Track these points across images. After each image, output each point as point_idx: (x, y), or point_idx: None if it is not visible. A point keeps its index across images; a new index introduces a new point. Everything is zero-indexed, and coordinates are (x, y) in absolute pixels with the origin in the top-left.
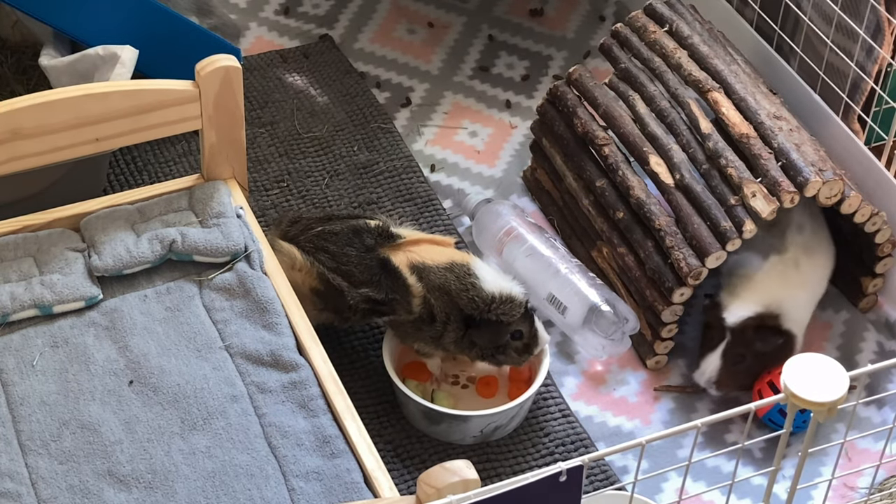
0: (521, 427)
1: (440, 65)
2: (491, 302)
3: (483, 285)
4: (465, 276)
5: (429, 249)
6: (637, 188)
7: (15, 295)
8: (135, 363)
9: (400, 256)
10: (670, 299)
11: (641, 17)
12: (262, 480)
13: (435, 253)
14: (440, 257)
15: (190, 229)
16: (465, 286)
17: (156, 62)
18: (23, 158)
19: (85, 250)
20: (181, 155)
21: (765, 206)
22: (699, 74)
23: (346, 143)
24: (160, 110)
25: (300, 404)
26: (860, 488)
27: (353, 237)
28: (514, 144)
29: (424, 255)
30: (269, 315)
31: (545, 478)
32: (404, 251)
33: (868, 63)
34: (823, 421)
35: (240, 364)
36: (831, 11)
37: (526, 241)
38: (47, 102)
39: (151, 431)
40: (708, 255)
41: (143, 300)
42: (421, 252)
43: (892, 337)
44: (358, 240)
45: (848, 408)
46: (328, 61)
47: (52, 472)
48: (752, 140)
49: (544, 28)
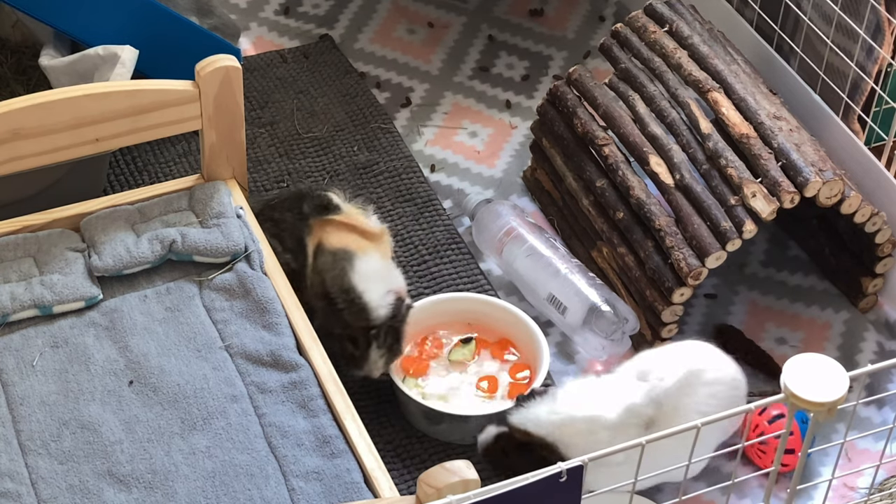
0: None
1: (440, 65)
2: (343, 291)
3: (352, 275)
4: (342, 260)
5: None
6: (637, 188)
7: (15, 295)
8: (135, 363)
9: (318, 232)
10: (670, 299)
11: (641, 17)
12: (262, 480)
13: (347, 237)
14: (343, 241)
15: (190, 229)
16: (335, 269)
17: (156, 62)
18: (23, 158)
19: (85, 250)
20: (181, 155)
21: (765, 207)
22: (699, 74)
23: (346, 143)
24: (160, 110)
25: (300, 404)
26: (860, 488)
27: (294, 203)
28: (514, 144)
29: (333, 237)
30: (269, 315)
31: (545, 478)
32: (328, 228)
33: (868, 63)
34: (823, 421)
35: (240, 364)
36: (831, 11)
37: (526, 241)
38: (47, 102)
39: (151, 431)
40: (708, 255)
41: (143, 300)
42: (336, 233)
43: (892, 337)
44: (297, 206)
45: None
46: (328, 61)
47: (52, 472)
48: (752, 140)
49: (544, 28)
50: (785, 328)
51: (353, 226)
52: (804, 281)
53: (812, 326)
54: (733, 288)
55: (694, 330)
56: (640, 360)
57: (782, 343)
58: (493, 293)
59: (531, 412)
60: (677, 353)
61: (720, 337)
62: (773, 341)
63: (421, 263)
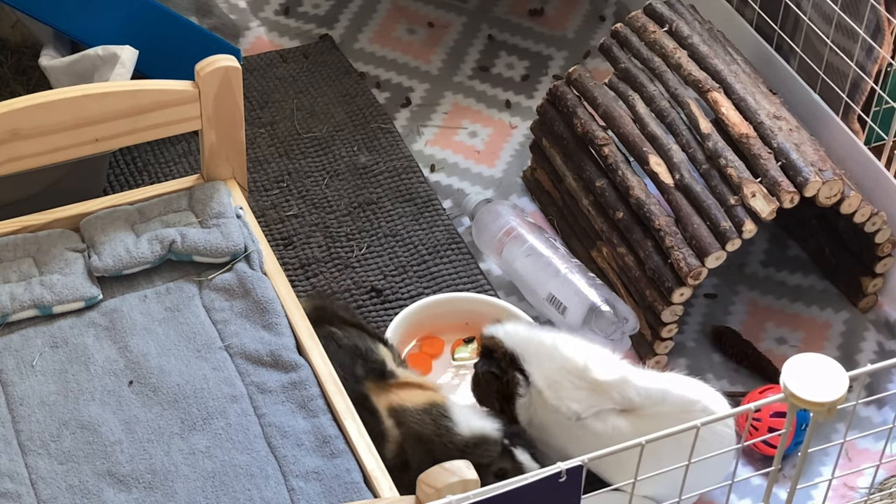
0: None
1: (440, 65)
2: (465, 447)
3: (457, 429)
4: (441, 418)
5: (411, 391)
6: (637, 188)
7: (15, 295)
8: (134, 363)
9: (382, 397)
10: (670, 299)
11: (641, 17)
12: (262, 480)
13: (415, 394)
14: (419, 398)
15: (190, 230)
16: (440, 431)
17: (156, 62)
18: (23, 159)
19: (85, 250)
20: (181, 155)
21: (764, 206)
22: (699, 74)
23: (345, 143)
24: (160, 110)
25: (300, 404)
26: (860, 488)
27: (347, 358)
28: (513, 144)
29: (404, 397)
30: (269, 315)
31: (545, 478)
32: (388, 392)
33: (868, 63)
34: (823, 421)
35: (239, 364)
36: (831, 11)
37: (526, 241)
38: (47, 103)
39: (151, 432)
40: (708, 255)
41: (143, 300)
42: (401, 394)
43: (892, 337)
44: (350, 362)
45: (848, 408)
46: (328, 61)
47: (52, 473)
48: (752, 140)
49: (544, 28)
50: (785, 328)
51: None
52: (804, 281)
53: (812, 326)
54: (733, 288)
55: (694, 330)
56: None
57: (782, 343)
58: (493, 293)
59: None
60: (678, 382)
61: (718, 338)
62: (772, 341)
63: (421, 263)
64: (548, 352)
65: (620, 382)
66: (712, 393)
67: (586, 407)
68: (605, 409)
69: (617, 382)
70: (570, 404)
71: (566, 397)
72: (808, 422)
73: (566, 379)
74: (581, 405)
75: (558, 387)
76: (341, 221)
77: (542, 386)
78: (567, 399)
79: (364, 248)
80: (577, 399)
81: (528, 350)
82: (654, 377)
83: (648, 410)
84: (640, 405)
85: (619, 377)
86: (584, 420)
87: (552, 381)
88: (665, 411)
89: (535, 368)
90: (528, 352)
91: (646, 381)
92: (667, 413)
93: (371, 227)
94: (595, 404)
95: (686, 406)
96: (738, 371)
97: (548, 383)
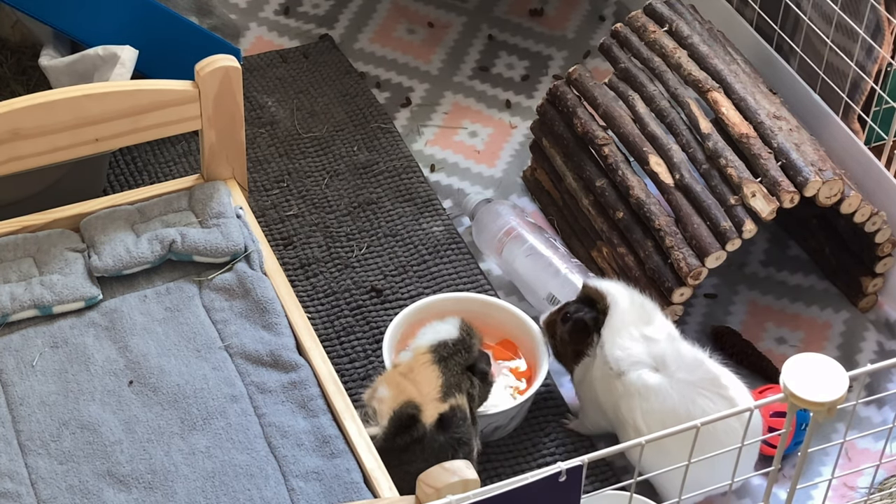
0: (521, 427)
1: (440, 65)
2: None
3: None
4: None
5: (417, 380)
6: (637, 188)
7: (15, 295)
8: (134, 363)
9: (430, 411)
10: (670, 299)
11: (641, 17)
12: (262, 480)
13: (422, 375)
14: (429, 371)
15: (190, 229)
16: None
17: (156, 62)
18: (23, 158)
19: (85, 250)
20: (181, 155)
21: (764, 206)
22: (699, 74)
23: (346, 143)
24: (160, 110)
25: (300, 404)
26: (860, 488)
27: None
28: (514, 144)
29: (426, 384)
30: (269, 315)
31: (545, 478)
32: (424, 407)
33: (868, 63)
34: (823, 421)
35: (239, 364)
36: (831, 11)
37: (526, 241)
38: (47, 102)
39: (151, 431)
40: (708, 254)
41: (143, 300)
42: (421, 387)
43: (892, 337)
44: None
45: (848, 407)
46: (328, 61)
47: (52, 473)
48: (752, 140)
49: (544, 28)
50: (785, 328)
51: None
52: (804, 281)
53: (812, 326)
54: (733, 288)
55: (694, 330)
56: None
57: (782, 343)
58: (493, 293)
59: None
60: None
61: (718, 338)
62: (772, 341)
63: (421, 263)
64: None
65: (664, 341)
66: (744, 390)
67: (627, 357)
68: (640, 361)
69: (661, 340)
70: (616, 352)
71: (618, 345)
72: (808, 422)
73: (626, 329)
74: (624, 355)
75: (617, 335)
76: (341, 221)
77: (606, 338)
78: (616, 348)
79: (364, 247)
80: (624, 348)
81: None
82: (696, 350)
83: (678, 374)
84: (671, 366)
85: (666, 336)
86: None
87: (615, 331)
88: (693, 380)
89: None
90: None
91: (687, 348)
92: (694, 383)
93: (371, 227)
94: (634, 356)
95: (715, 386)
96: (738, 371)
97: (611, 336)
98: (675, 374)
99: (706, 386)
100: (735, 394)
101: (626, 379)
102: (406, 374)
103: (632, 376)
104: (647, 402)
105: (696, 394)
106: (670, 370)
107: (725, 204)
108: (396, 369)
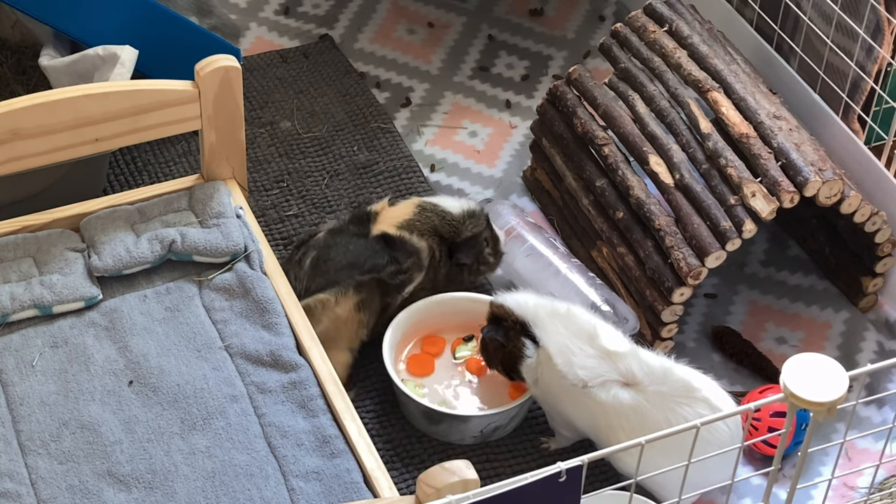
0: (521, 427)
1: (440, 65)
2: (463, 221)
3: (452, 211)
4: (435, 208)
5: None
6: (637, 188)
7: (15, 295)
8: (134, 363)
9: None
10: (670, 299)
11: (641, 17)
12: (262, 480)
13: (399, 210)
14: (408, 208)
15: (190, 229)
16: (444, 218)
17: (156, 62)
18: (23, 158)
19: (85, 250)
20: (181, 155)
21: (764, 206)
22: (699, 74)
23: (346, 143)
24: (160, 110)
25: (300, 404)
26: (860, 488)
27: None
28: (514, 144)
29: (397, 215)
30: (269, 315)
31: (545, 478)
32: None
33: (868, 63)
34: (823, 421)
35: (239, 364)
36: (831, 11)
37: (526, 240)
38: (47, 102)
39: (151, 431)
40: (708, 254)
41: (143, 300)
42: (391, 215)
43: (892, 337)
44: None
45: (847, 407)
46: (328, 61)
47: (52, 472)
48: (752, 140)
49: (544, 28)
50: (785, 328)
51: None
52: (804, 281)
53: (812, 326)
54: (733, 288)
55: (694, 330)
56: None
57: (782, 342)
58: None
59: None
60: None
61: (718, 338)
62: (773, 341)
63: None
64: (562, 318)
65: (628, 355)
66: (716, 387)
67: (592, 375)
68: (609, 379)
69: (624, 354)
70: (578, 371)
71: (575, 364)
72: (808, 422)
73: (577, 346)
74: (588, 373)
75: (569, 353)
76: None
77: (553, 351)
78: (575, 366)
79: None
80: (585, 367)
81: (539, 316)
82: (659, 358)
83: (650, 387)
84: (642, 380)
85: (628, 349)
86: (589, 388)
87: (563, 347)
88: (666, 391)
89: (546, 334)
90: (539, 317)
91: (651, 358)
92: (667, 393)
93: None
94: (601, 374)
95: (688, 391)
96: (738, 371)
97: (558, 349)
98: (648, 387)
99: (681, 393)
100: (709, 394)
101: (594, 392)
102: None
103: (603, 396)
104: (627, 421)
105: (674, 403)
106: (642, 385)
107: (725, 204)
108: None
